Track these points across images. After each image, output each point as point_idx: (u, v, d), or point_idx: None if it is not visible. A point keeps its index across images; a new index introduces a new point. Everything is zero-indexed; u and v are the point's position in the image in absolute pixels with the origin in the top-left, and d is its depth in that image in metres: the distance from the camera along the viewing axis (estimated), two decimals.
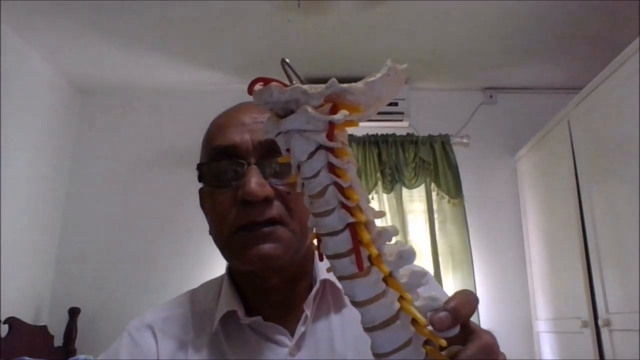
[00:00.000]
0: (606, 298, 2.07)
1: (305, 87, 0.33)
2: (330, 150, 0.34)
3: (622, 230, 1.96)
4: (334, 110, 0.33)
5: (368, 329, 0.37)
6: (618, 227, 2.00)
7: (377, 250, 0.36)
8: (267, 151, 0.60)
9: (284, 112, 0.35)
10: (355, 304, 0.37)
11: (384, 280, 0.37)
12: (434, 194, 2.93)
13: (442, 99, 3.14)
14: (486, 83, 3.13)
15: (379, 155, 2.93)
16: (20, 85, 2.58)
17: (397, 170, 2.90)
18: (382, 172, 2.90)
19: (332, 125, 0.33)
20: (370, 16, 2.44)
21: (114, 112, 3.16)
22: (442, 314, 0.37)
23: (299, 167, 0.36)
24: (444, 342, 0.37)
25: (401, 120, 2.97)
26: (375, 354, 0.38)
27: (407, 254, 0.36)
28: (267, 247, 0.59)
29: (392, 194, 2.88)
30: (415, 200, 2.98)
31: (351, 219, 0.35)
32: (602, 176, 2.13)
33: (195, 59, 2.83)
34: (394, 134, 2.97)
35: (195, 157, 0.69)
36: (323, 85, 0.33)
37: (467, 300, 0.39)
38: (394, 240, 0.37)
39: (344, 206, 0.35)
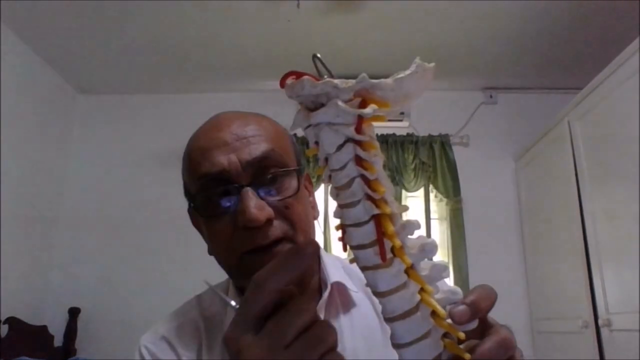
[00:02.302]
0: (606, 298, 2.07)
1: (337, 81, 0.34)
2: (358, 143, 0.35)
3: (622, 230, 1.97)
4: (363, 104, 0.34)
5: (388, 320, 0.38)
6: (618, 227, 2.01)
7: (401, 242, 0.36)
8: (258, 169, 0.58)
9: (314, 105, 0.35)
10: (377, 294, 0.38)
11: (406, 272, 0.37)
12: (432, 195, 2.94)
13: (442, 99, 3.14)
14: (486, 83, 3.14)
15: None
16: (19, 85, 2.57)
17: (397, 172, 2.90)
18: None
19: (360, 119, 0.34)
20: (370, 16, 2.45)
21: (114, 112, 3.16)
22: (462, 307, 0.37)
23: (326, 159, 0.36)
24: (462, 335, 0.38)
25: (401, 120, 2.98)
26: (394, 344, 0.39)
27: (429, 247, 0.37)
28: None
29: None
30: (414, 201, 2.98)
31: (376, 211, 0.35)
32: (602, 176, 2.14)
33: (195, 59, 2.83)
34: (394, 134, 2.98)
35: None
36: (354, 80, 0.34)
37: (486, 295, 0.39)
38: (416, 233, 0.38)
39: (369, 198, 0.35)
